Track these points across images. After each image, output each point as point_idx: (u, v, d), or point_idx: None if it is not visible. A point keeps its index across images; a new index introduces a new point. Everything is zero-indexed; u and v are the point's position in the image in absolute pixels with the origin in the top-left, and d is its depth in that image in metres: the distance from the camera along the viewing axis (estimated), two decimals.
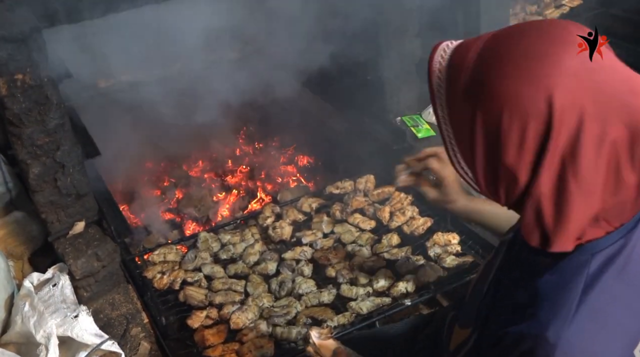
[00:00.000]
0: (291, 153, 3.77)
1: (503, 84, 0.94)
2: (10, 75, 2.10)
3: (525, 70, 0.93)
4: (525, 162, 0.95)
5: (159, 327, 2.26)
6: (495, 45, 0.98)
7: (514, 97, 0.93)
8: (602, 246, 0.99)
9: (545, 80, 0.91)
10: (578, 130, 0.91)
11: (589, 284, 0.97)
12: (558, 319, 0.95)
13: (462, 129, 1.02)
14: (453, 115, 1.04)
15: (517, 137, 0.94)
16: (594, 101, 0.91)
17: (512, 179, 0.97)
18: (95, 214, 2.50)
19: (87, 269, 2.38)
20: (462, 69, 1.01)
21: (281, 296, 2.36)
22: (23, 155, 2.24)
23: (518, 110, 0.92)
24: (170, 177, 3.62)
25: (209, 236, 2.68)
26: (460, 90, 1.00)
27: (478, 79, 0.98)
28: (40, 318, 2.13)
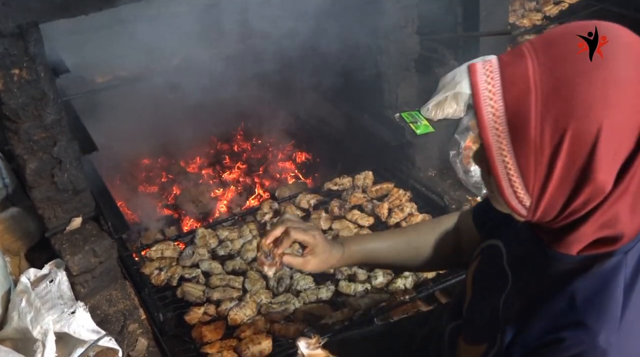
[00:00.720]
0: (289, 149, 3.76)
1: (599, 97, 0.87)
2: (6, 70, 2.08)
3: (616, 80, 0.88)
4: (614, 172, 0.90)
5: (156, 324, 2.25)
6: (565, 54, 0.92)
7: (614, 108, 0.87)
8: (633, 243, 0.98)
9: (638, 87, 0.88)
10: None
11: (629, 285, 0.96)
12: (606, 324, 0.94)
13: (535, 155, 0.92)
14: (519, 143, 0.93)
15: (614, 149, 0.89)
16: None
17: (599, 192, 0.92)
18: (93, 210, 2.49)
19: (84, 265, 2.37)
20: (530, 89, 0.92)
21: (279, 292, 2.35)
22: (20, 150, 2.23)
23: (618, 122, 0.87)
24: (168, 173, 3.61)
25: (207, 232, 2.67)
26: (535, 113, 0.91)
27: (563, 100, 0.89)
28: (37, 314, 2.12)
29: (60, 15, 2.12)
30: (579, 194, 0.93)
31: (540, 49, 0.94)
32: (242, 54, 3.39)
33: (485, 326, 1.19)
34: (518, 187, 0.96)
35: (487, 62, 0.98)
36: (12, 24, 2.01)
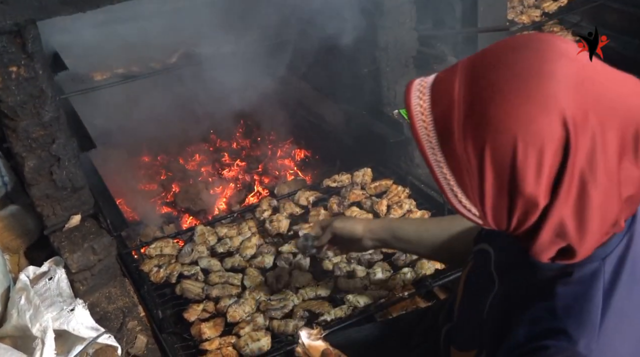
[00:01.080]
0: (288, 146, 3.76)
1: (511, 112, 0.89)
2: (4, 68, 2.08)
3: (530, 94, 0.89)
4: (545, 186, 0.90)
5: (155, 321, 2.26)
6: (484, 73, 0.94)
7: (527, 124, 0.88)
8: (610, 249, 0.99)
9: (554, 101, 0.88)
10: (593, 141, 0.88)
11: (607, 291, 0.97)
12: (587, 332, 0.95)
13: (465, 166, 0.95)
14: (450, 156, 0.96)
15: (535, 164, 0.89)
16: (600, 108, 0.89)
17: (531, 206, 0.93)
18: (91, 208, 2.49)
19: (83, 263, 2.37)
20: (453, 105, 0.95)
21: (278, 289, 2.35)
22: (18, 148, 2.23)
23: (533, 137, 0.88)
24: (167, 170, 3.61)
25: (206, 229, 2.67)
26: (458, 128, 0.94)
27: (479, 112, 0.92)
28: (36, 312, 2.12)
29: (57, 13, 2.12)
30: (516, 206, 0.94)
31: (468, 65, 0.97)
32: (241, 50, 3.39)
33: (474, 332, 1.19)
34: (461, 198, 0.99)
35: (424, 79, 1.02)
36: (10, 22, 2.02)
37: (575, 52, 0.92)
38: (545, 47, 0.92)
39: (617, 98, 0.90)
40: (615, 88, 0.92)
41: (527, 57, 0.91)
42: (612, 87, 0.91)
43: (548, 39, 0.95)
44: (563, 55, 0.91)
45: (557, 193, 0.90)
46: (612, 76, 0.93)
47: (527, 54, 0.92)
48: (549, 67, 0.89)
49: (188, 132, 3.70)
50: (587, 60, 0.93)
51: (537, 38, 0.95)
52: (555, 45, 0.92)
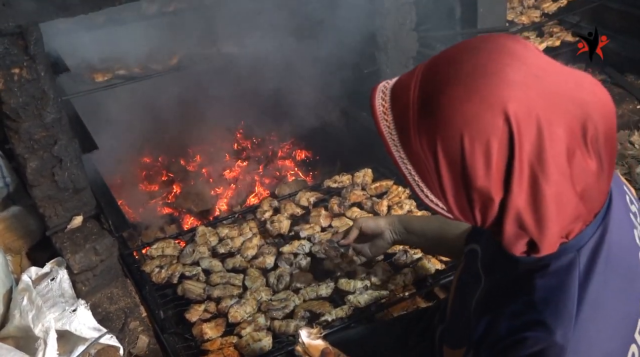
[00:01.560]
0: (289, 147, 3.77)
1: (457, 108, 0.94)
2: (7, 69, 2.09)
3: (474, 91, 0.93)
4: (496, 180, 0.95)
5: (157, 321, 2.26)
6: (436, 73, 0.98)
7: (471, 120, 0.93)
8: (584, 240, 1.02)
9: (497, 97, 0.92)
10: (539, 136, 0.92)
11: (583, 282, 0.99)
12: (563, 322, 0.97)
13: (424, 163, 1.00)
14: (411, 153, 1.02)
15: (483, 158, 0.94)
16: (546, 105, 0.92)
17: (486, 199, 0.97)
18: (93, 209, 2.50)
19: (85, 263, 2.38)
20: (409, 105, 1.00)
21: (279, 289, 2.36)
22: (20, 149, 2.24)
23: (478, 132, 0.93)
24: (168, 171, 3.62)
25: (207, 230, 2.68)
26: (413, 126, 0.99)
27: (428, 110, 0.97)
28: (38, 312, 2.13)
29: (60, 15, 2.13)
30: (473, 200, 0.99)
31: (425, 66, 1.02)
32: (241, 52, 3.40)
33: (464, 330, 1.21)
34: (427, 192, 1.04)
35: (388, 81, 1.09)
36: (13, 24, 2.03)
37: (523, 52, 0.96)
38: (494, 47, 0.97)
39: (564, 94, 0.94)
40: (562, 84, 0.95)
41: (477, 57, 0.96)
42: (559, 83, 0.95)
43: (499, 40, 0.99)
44: (509, 55, 0.95)
45: (510, 187, 0.94)
46: (559, 73, 0.97)
47: (477, 54, 0.96)
48: (495, 66, 0.94)
49: (189, 133, 3.70)
50: (535, 59, 0.96)
51: (489, 39, 1.00)
52: (504, 46, 0.97)
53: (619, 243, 1.04)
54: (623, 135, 3.30)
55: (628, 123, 3.40)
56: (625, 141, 3.26)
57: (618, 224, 1.05)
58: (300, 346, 1.52)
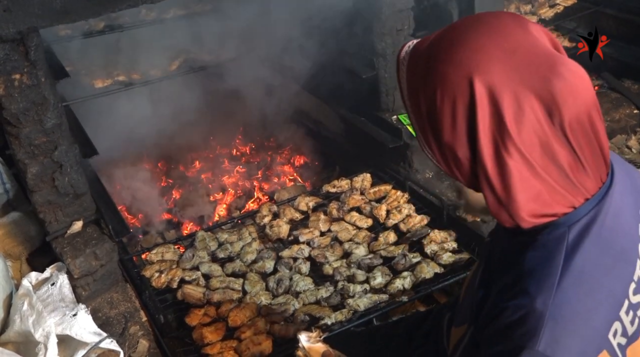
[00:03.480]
0: (288, 153, 3.78)
1: (436, 67, 1.05)
2: (7, 75, 2.10)
3: (453, 54, 1.03)
4: (460, 138, 1.04)
5: (157, 325, 2.27)
6: (441, 36, 1.09)
7: (443, 78, 1.03)
8: (576, 218, 1.05)
9: (467, 62, 1.01)
10: (497, 107, 0.99)
11: (569, 253, 1.02)
12: (544, 289, 1.00)
13: (417, 113, 1.11)
14: (412, 103, 1.12)
15: (450, 115, 1.03)
16: (511, 79, 0.99)
17: (453, 155, 1.06)
18: (93, 214, 2.51)
19: (85, 268, 2.39)
20: (415, 57, 1.11)
21: (279, 293, 2.37)
22: (21, 155, 2.25)
23: (447, 90, 1.02)
24: (168, 177, 3.63)
25: (207, 235, 2.69)
26: (411, 77, 1.11)
27: (422, 64, 1.08)
28: (39, 317, 2.14)
29: (60, 21, 2.15)
30: (445, 153, 1.08)
31: (440, 32, 1.12)
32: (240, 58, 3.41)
33: (467, 308, 1.25)
34: (424, 143, 1.12)
35: (415, 41, 1.18)
36: (13, 30, 2.04)
37: (511, 29, 1.04)
38: (486, 21, 1.07)
39: (535, 74, 1.00)
40: (537, 65, 1.00)
41: (468, 28, 1.06)
42: (535, 64, 1.01)
43: (496, 16, 1.08)
44: (496, 30, 1.04)
45: (476, 148, 1.02)
46: (539, 54, 1.02)
47: (469, 26, 1.07)
48: (477, 37, 1.04)
49: (188, 139, 3.71)
50: (521, 37, 1.03)
51: (490, 15, 1.09)
52: (496, 21, 1.06)
53: (614, 228, 1.06)
54: (620, 139, 3.31)
55: (625, 128, 3.42)
56: (622, 146, 3.27)
57: (617, 212, 1.07)
58: (301, 350, 1.53)
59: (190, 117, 3.51)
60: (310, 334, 1.55)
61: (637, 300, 1.05)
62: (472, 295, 1.25)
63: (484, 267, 1.25)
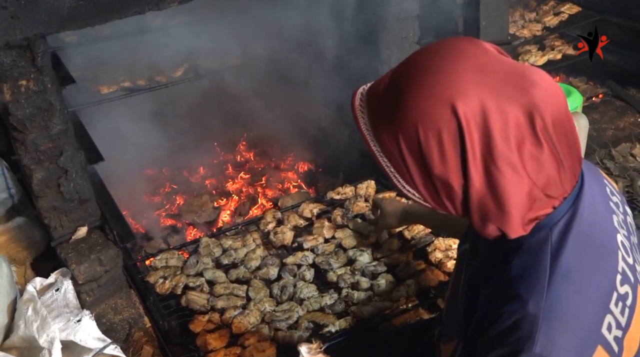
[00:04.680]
0: (292, 159, 3.79)
1: (412, 103, 1.03)
2: (14, 81, 2.11)
3: (426, 87, 1.02)
4: (452, 168, 1.03)
5: (161, 332, 2.27)
6: (400, 72, 1.09)
7: (424, 113, 1.02)
8: (556, 219, 1.08)
9: (445, 92, 1.01)
10: (486, 128, 1.00)
11: (555, 255, 1.05)
12: (535, 292, 1.02)
13: (394, 155, 1.09)
14: (383, 146, 1.11)
15: (437, 148, 1.03)
16: (492, 98, 1.00)
17: (447, 187, 1.06)
18: (98, 219, 2.51)
19: (90, 274, 2.39)
20: (377, 101, 1.11)
21: (283, 300, 2.37)
22: (27, 160, 2.26)
23: (430, 124, 1.02)
24: (172, 183, 3.63)
25: (211, 241, 2.69)
26: (380, 121, 1.10)
27: (391, 105, 1.07)
28: (43, 322, 2.14)
29: (67, 27, 2.15)
30: (437, 187, 1.07)
31: (397, 66, 1.13)
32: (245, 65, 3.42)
33: (454, 324, 1.25)
34: (403, 183, 1.13)
35: (367, 85, 1.20)
36: (20, 36, 2.05)
37: (473, 51, 1.05)
38: (446, 47, 1.07)
39: (510, 87, 1.01)
40: (508, 78, 1.02)
41: (432, 57, 1.06)
42: (505, 77, 1.02)
43: (453, 41, 1.09)
44: (459, 54, 1.05)
45: (468, 175, 1.03)
46: (506, 67, 1.04)
47: (432, 55, 1.07)
48: (444, 64, 1.04)
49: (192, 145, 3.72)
50: (483, 56, 1.05)
51: (446, 42, 1.09)
52: (455, 46, 1.07)
53: (592, 223, 1.10)
54: (625, 148, 3.31)
55: (630, 136, 3.42)
56: (626, 154, 3.27)
57: (591, 207, 1.11)
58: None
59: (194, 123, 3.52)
60: (310, 345, 1.55)
61: (624, 290, 1.07)
62: (456, 309, 1.25)
63: (464, 278, 1.25)
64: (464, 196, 1.06)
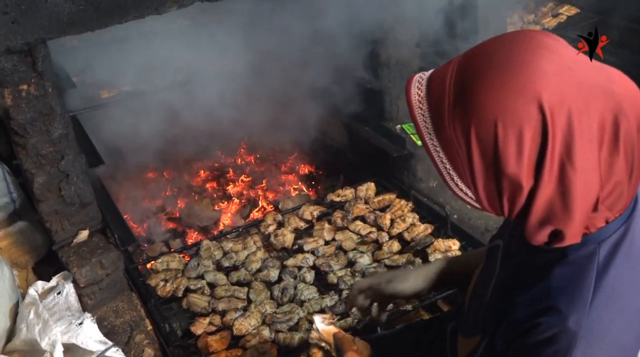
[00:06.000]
0: (292, 162, 3.80)
1: (492, 96, 0.96)
2: (15, 86, 2.12)
3: (509, 80, 0.95)
4: (527, 168, 0.96)
5: (162, 334, 2.28)
6: (472, 64, 1.01)
7: (505, 107, 0.94)
8: (606, 234, 1.02)
9: (531, 86, 0.94)
10: (570, 126, 0.93)
11: (601, 272, 1.00)
12: (577, 309, 0.98)
13: (457, 150, 1.02)
14: (444, 141, 1.04)
15: (515, 146, 0.95)
16: (578, 95, 0.94)
17: (516, 187, 0.98)
18: (99, 223, 2.52)
19: (91, 277, 2.40)
20: (445, 93, 1.02)
21: (283, 302, 2.38)
22: (28, 164, 2.27)
23: (511, 120, 0.94)
24: (173, 186, 3.64)
25: (212, 244, 2.70)
26: (448, 113, 1.01)
27: (464, 98, 0.99)
28: (45, 326, 2.15)
29: (67, 32, 2.17)
30: (502, 188, 1.00)
31: (460, 59, 1.05)
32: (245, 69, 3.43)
33: (478, 319, 1.23)
34: (457, 181, 1.06)
35: (424, 73, 1.10)
36: (21, 41, 2.06)
37: (556, 46, 0.98)
38: (528, 40, 0.99)
39: (597, 86, 0.95)
40: (594, 77, 0.96)
41: (511, 49, 0.98)
42: (592, 76, 0.96)
43: (533, 34, 1.01)
44: (543, 48, 0.97)
45: (541, 175, 0.95)
46: (591, 66, 0.98)
47: (511, 46, 0.99)
48: (529, 57, 0.96)
49: (193, 149, 3.73)
50: (567, 52, 0.98)
51: (524, 33, 1.02)
52: (537, 39, 0.99)
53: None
54: None
55: None
56: None
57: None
58: (315, 332, 1.54)
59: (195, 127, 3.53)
60: (324, 315, 1.57)
61: None
62: (483, 305, 1.23)
63: (497, 278, 1.22)
64: (528, 197, 0.98)
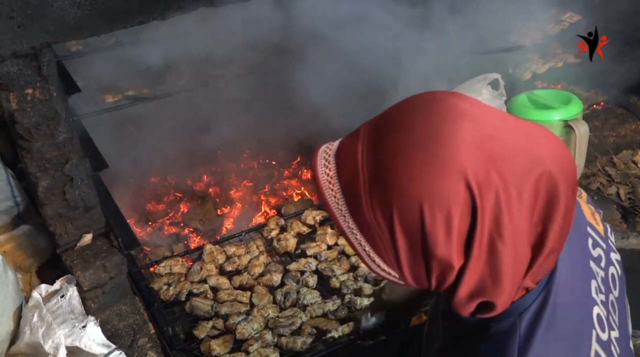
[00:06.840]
0: (295, 167, 3.80)
1: (414, 176, 0.88)
2: (20, 90, 2.13)
3: (431, 158, 0.88)
4: (456, 247, 0.90)
5: (165, 338, 2.29)
6: (386, 137, 0.93)
7: (430, 187, 0.87)
8: (526, 304, 0.99)
9: (455, 163, 0.87)
10: (497, 200, 0.88)
11: (523, 347, 0.96)
12: None
13: (377, 233, 0.94)
14: (362, 223, 0.96)
15: (444, 227, 0.89)
16: (504, 166, 0.89)
17: (446, 267, 0.92)
18: (103, 227, 2.53)
19: (94, 281, 2.41)
20: (358, 172, 0.94)
21: (286, 306, 2.38)
22: (32, 168, 2.28)
23: (438, 201, 0.87)
24: (176, 191, 3.65)
25: (215, 248, 2.71)
26: (364, 195, 0.93)
27: (382, 177, 0.91)
28: (48, 329, 2.15)
29: (73, 37, 2.18)
30: (431, 268, 0.93)
31: (370, 130, 0.98)
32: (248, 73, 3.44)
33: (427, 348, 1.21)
34: (379, 262, 0.98)
35: (329, 145, 1.04)
36: (27, 45, 2.07)
37: (474, 112, 0.92)
38: (445, 108, 0.92)
39: (521, 153, 0.90)
40: (518, 143, 0.91)
41: (425, 120, 0.91)
42: (515, 143, 0.91)
43: (447, 99, 0.94)
44: (461, 116, 0.90)
45: (470, 252, 0.90)
46: (512, 130, 0.93)
47: (425, 117, 0.91)
48: (448, 128, 0.89)
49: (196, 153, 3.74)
50: (488, 118, 0.92)
51: (438, 99, 0.94)
52: (453, 106, 0.92)
53: (565, 305, 1.00)
54: (626, 155, 3.32)
55: (631, 143, 3.43)
56: (628, 161, 3.28)
57: (566, 283, 1.01)
58: None
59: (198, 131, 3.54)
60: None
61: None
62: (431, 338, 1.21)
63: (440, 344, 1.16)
64: (458, 274, 0.93)
